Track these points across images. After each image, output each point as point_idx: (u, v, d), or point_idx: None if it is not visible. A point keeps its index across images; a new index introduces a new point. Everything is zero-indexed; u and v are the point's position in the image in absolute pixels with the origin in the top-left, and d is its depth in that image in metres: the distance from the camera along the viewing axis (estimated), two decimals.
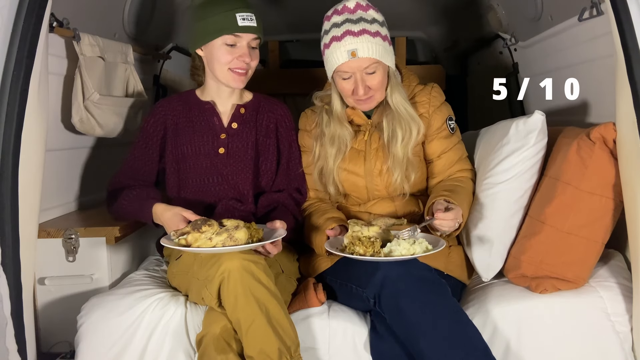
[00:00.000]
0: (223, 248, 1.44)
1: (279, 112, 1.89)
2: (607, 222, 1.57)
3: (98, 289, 1.77)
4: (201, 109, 1.83)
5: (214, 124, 1.82)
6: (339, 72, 1.68)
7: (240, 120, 1.83)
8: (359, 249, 1.52)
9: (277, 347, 1.39)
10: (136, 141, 1.84)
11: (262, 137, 1.85)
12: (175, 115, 1.83)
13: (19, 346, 1.48)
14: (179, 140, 1.81)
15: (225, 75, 1.76)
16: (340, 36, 1.65)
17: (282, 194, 1.83)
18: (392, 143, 1.74)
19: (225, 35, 1.71)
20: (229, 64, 1.74)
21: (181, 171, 1.80)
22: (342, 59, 1.64)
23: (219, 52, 1.73)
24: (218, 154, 1.79)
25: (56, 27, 1.75)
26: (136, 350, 1.54)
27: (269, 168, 1.85)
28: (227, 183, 1.78)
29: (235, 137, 1.81)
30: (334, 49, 1.66)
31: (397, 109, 1.74)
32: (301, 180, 1.88)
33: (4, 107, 1.42)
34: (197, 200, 1.78)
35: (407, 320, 1.44)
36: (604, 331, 1.55)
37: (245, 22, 1.71)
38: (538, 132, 1.66)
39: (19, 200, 1.46)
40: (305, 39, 3.37)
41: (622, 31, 1.41)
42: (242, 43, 1.73)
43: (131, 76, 2.18)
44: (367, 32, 1.64)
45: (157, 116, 1.84)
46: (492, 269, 1.70)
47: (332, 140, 1.78)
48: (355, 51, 1.63)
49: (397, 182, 1.74)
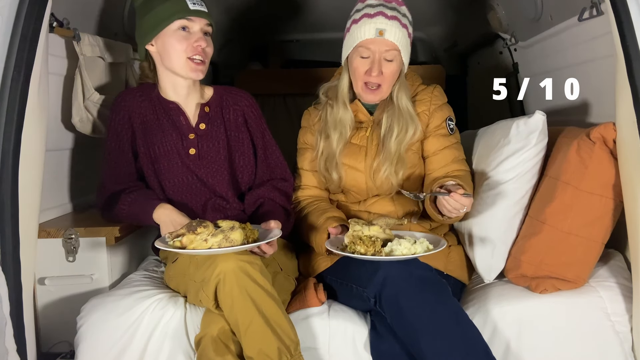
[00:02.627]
0: (219, 249, 1.43)
1: (244, 103, 1.84)
2: (607, 222, 1.57)
3: (98, 289, 1.77)
4: (166, 107, 1.78)
5: (181, 124, 1.76)
6: (360, 47, 1.70)
7: (206, 119, 1.78)
8: (360, 248, 1.52)
9: (277, 346, 1.39)
10: (108, 143, 1.77)
11: (233, 132, 1.81)
12: (141, 111, 1.77)
13: (19, 346, 1.48)
14: (149, 139, 1.75)
15: (183, 65, 1.70)
16: (372, 14, 1.69)
17: (267, 188, 1.80)
18: (387, 137, 1.76)
19: (177, 21, 1.66)
20: (185, 51, 1.68)
21: (157, 172, 1.75)
22: (369, 34, 1.68)
23: (172, 40, 1.68)
24: (189, 155, 1.75)
25: (56, 27, 1.75)
26: (136, 351, 1.53)
27: (246, 163, 1.81)
28: (203, 184, 1.75)
29: (205, 137, 1.77)
30: (362, 24, 1.69)
31: (399, 106, 1.76)
32: (283, 167, 1.86)
33: (4, 107, 1.42)
34: (182, 200, 1.75)
35: (408, 319, 1.44)
36: (604, 331, 1.55)
37: (196, 6, 1.69)
38: (539, 133, 1.66)
39: (19, 200, 1.46)
40: (305, 39, 3.37)
41: (622, 31, 1.41)
42: (196, 28, 1.69)
43: (131, 76, 2.18)
44: (398, 20, 1.69)
45: (122, 113, 1.76)
46: (494, 270, 1.70)
47: (334, 125, 1.80)
48: (384, 31, 1.67)
49: (384, 175, 1.74)
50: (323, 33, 3.14)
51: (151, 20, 1.69)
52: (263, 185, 1.81)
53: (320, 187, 1.90)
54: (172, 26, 1.68)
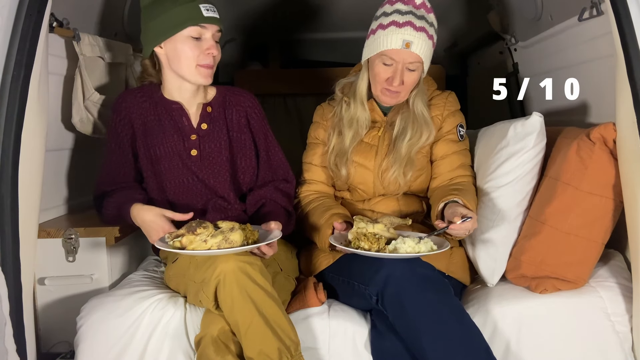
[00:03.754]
0: (218, 250, 1.43)
1: (246, 104, 1.82)
2: (607, 222, 1.57)
3: (98, 289, 1.77)
4: (168, 108, 1.75)
5: (183, 124, 1.74)
6: (385, 55, 1.70)
7: (208, 119, 1.76)
8: (364, 244, 1.52)
9: (277, 347, 1.39)
10: (108, 144, 1.76)
11: (235, 133, 1.79)
12: (142, 112, 1.75)
13: (19, 346, 1.48)
14: (150, 140, 1.73)
15: (192, 71, 1.68)
16: (401, 23, 1.67)
17: (269, 189, 1.79)
18: (399, 139, 1.77)
19: (190, 27, 1.63)
20: (197, 58, 1.66)
21: (157, 173, 1.73)
22: (396, 45, 1.67)
23: (184, 47, 1.65)
24: (191, 156, 1.73)
25: (56, 27, 1.75)
26: (136, 351, 1.53)
27: (248, 164, 1.80)
28: (204, 185, 1.74)
29: (206, 138, 1.75)
30: (390, 32, 1.68)
31: (415, 110, 1.77)
32: (285, 168, 1.85)
33: (4, 107, 1.42)
34: (182, 202, 1.73)
35: (410, 318, 1.44)
36: (604, 331, 1.55)
37: (210, 12, 1.66)
38: (537, 134, 1.66)
39: (19, 200, 1.46)
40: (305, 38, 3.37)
41: (622, 31, 1.41)
42: (207, 35, 1.67)
43: (131, 76, 2.18)
44: (425, 32, 1.69)
45: (122, 113, 1.74)
46: (497, 273, 1.69)
47: (350, 123, 1.80)
48: (410, 43, 1.66)
49: (392, 176, 1.75)
50: (324, 33, 3.14)
51: (162, 24, 1.65)
52: (265, 186, 1.80)
53: (327, 184, 1.90)
54: (184, 32, 1.64)
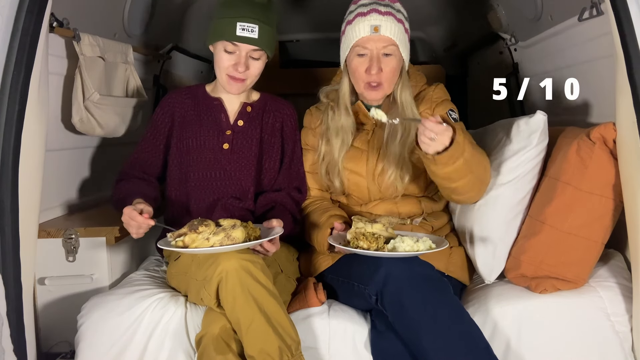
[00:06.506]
0: (220, 248, 1.44)
1: (285, 112, 1.90)
2: (607, 222, 1.57)
3: (98, 289, 1.77)
4: (209, 104, 1.85)
5: (221, 120, 1.83)
6: (357, 47, 1.69)
7: (246, 118, 1.85)
8: (363, 243, 1.52)
9: (278, 345, 1.39)
10: (145, 134, 1.86)
11: (267, 135, 1.86)
12: (184, 108, 1.85)
13: (19, 346, 1.48)
14: (185, 133, 1.82)
15: (222, 79, 1.77)
16: (366, 12, 1.67)
17: (281, 194, 1.84)
18: (390, 140, 1.75)
19: (224, 41, 1.72)
20: (227, 69, 1.75)
21: (184, 164, 1.80)
22: (364, 32, 1.66)
23: (220, 54, 1.74)
24: (222, 150, 1.80)
25: (56, 27, 1.75)
26: (136, 350, 1.54)
27: (272, 166, 1.86)
28: (229, 179, 1.79)
29: (240, 134, 1.82)
30: (356, 23, 1.68)
31: (402, 106, 1.75)
32: (302, 180, 1.89)
33: (4, 107, 1.42)
34: (197, 196, 1.78)
35: (409, 317, 1.44)
36: (604, 331, 1.55)
37: (245, 32, 1.70)
38: (540, 133, 1.65)
39: (19, 200, 1.46)
40: (305, 38, 3.37)
41: (622, 31, 1.41)
42: (241, 52, 1.73)
43: (131, 76, 2.18)
44: (392, 15, 1.68)
45: (166, 108, 1.85)
46: (495, 271, 1.70)
47: (336, 132, 1.80)
48: (379, 27, 1.65)
49: (389, 180, 1.74)
50: (323, 33, 3.14)
51: (210, 29, 1.76)
52: (278, 191, 1.85)
53: (322, 189, 1.90)
54: (219, 44, 1.74)
